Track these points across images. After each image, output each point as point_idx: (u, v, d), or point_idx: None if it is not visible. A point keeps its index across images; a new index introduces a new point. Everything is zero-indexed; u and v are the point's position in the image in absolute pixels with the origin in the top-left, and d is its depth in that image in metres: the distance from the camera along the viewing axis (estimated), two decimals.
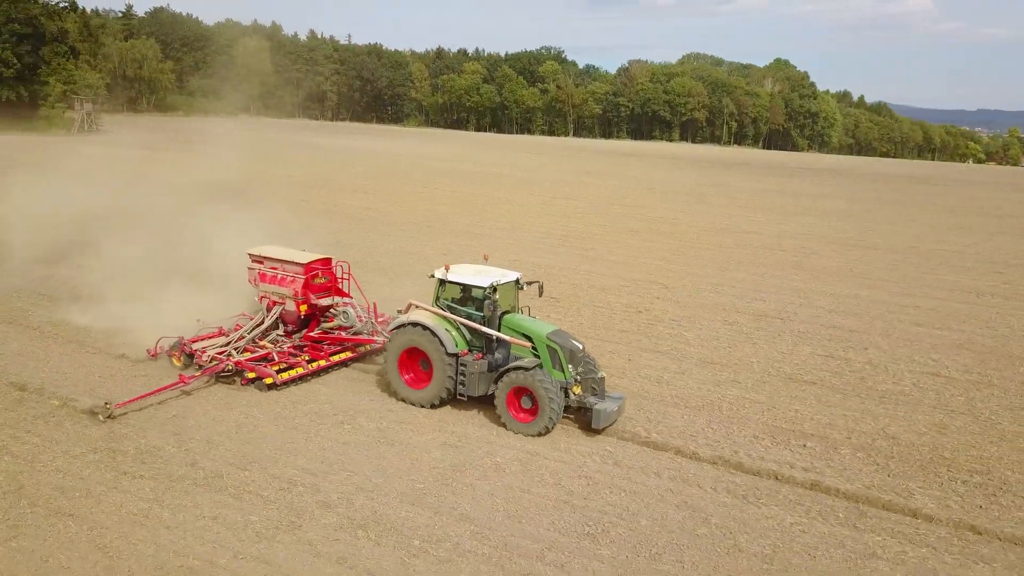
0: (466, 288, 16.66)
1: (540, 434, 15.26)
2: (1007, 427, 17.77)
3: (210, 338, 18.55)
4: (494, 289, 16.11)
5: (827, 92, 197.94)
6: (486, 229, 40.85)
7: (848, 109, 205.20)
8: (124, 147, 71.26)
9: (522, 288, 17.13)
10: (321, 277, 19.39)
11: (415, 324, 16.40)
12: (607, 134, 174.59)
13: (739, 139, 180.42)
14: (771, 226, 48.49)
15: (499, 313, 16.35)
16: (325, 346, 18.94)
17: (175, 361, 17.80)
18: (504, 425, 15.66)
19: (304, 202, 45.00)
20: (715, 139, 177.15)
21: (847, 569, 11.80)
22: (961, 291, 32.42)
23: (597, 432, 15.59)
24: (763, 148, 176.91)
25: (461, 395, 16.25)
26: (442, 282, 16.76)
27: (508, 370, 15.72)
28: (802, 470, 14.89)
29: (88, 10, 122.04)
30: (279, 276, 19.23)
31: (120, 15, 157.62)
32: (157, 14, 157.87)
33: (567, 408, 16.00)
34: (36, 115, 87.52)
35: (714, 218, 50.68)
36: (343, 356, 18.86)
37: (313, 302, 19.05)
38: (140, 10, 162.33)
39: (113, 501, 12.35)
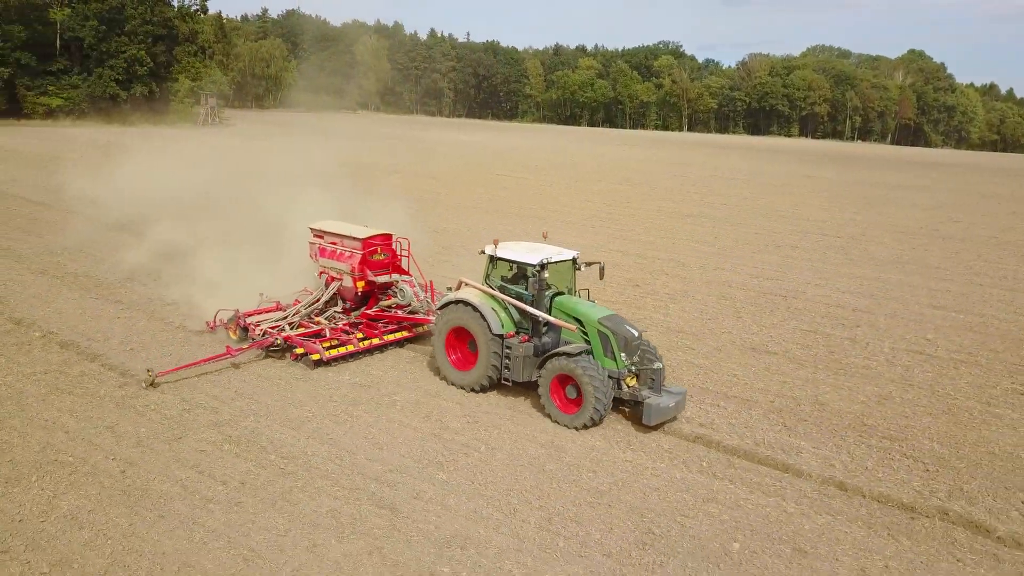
0: (517, 266, 15.61)
1: (585, 427, 14.12)
2: (960, 402, 17.02)
3: (266, 312, 18.45)
4: (543, 267, 14.90)
5: (970, 85, 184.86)
6: (538, 212, 41.52)
7: (994, 103, 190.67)
8: (238, 137, 76.38)
9: (579, 268, 16.08)
10: (380, 253, 18.65)
11: (461, 302, 15.58)
12: (723, 129, 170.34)
13: (863, 134, 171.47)
14: (841, 214, 46.70)
15: (550, 294, 15.32)
16: (380, 324, 18.39)
17: (231, 334, 17.65)
18: (549, 416, 14.64)
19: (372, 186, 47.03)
20: (837, 135, 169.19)
21: (676, 507, 11.97)
22: (1011, 279, 30.44)
23: (650, 428, 14.30)
24: (891, 144, 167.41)
25: (506, 380, 15.30)
26: (492, 259, 15.83)
27: (552, 355, 14.55)
28: (698, 425, 14.95)
29: (223, 14, 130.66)
30: (338, 251, 18.70)
31: (257, 17, 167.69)
32: (289, 16, 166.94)
33: (619, 401, 14.78)
34: (167, 109, 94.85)
35: (782, 206, 49.25)
36: (398, 335, 18.28)
37: (370, 278, 18.39)
38: (275, 12, 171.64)
39: (34, 409, 14.08)
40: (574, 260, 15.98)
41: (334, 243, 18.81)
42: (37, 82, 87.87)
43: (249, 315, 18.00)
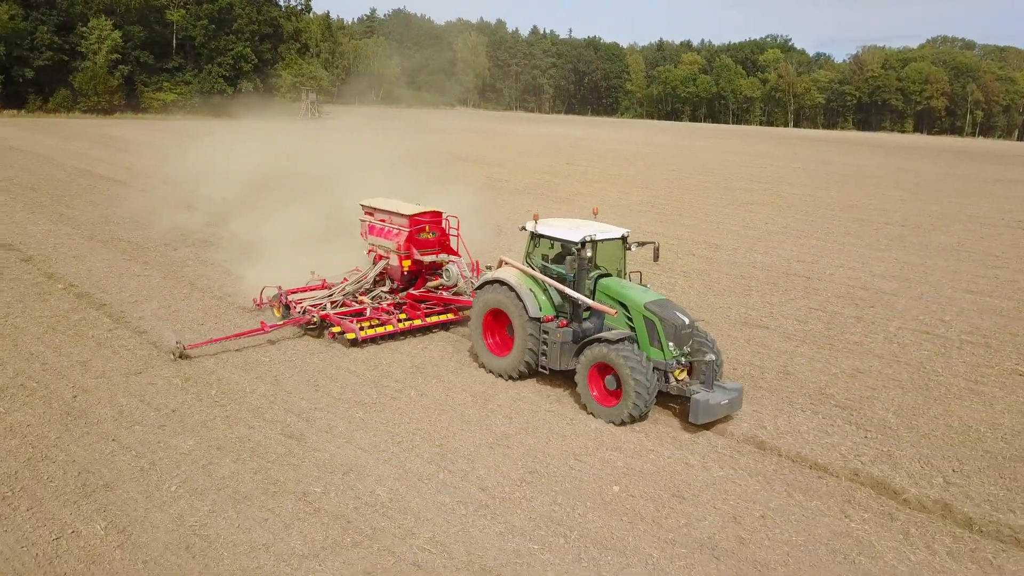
0: (558, 244, 14.53)
1: (624, 422, 12.84)
2: (944, 379, 16.27)
3: (310, 290, 18.14)
4: (584, 244, 13.73)
5: None
6: (595, 198, 41.45)
7: None
8: (330, 129, 79.43)
9: (630, 248, 14.64)
10: (428, 232, 17.73)
11: (498, 282, 14.65)
12: (831, 125, 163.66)
13: (985, 130, 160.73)
14: (916, 205, 44.43)
15: (594, 275, 14.13)
16: (423, 305, 17.70)
17: (275, 312, 17.39)
18: (585, 407, 13.47)
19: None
20: (956, 131, 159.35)
21: (573, 452, 12.11)
22: None
23: (696, 426, 12.83)
24: (1017, 140, 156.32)
25: (543, 367, 14.24)
26: (533, 236, 14.80)
27: (590, 342, 13.36)
28: None
29: (334, 15, 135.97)
30: (386, 228, 17.94)
31: (366, 17, 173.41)
32: (395, 16, 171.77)
33: (667, 395, 13.52)
34: (271, 104, 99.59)
35: (855, 197, 47.24)
36: (442, 318, 17.53)
37: (416, 257, 17.56)
38: (382, 12, 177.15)
39: (26, 344, 15.53)
40: (624, 239, 14.55)
41: (383, 220, 18.06)
42: (154, 79, 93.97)
43: (292, 292, 17.67)
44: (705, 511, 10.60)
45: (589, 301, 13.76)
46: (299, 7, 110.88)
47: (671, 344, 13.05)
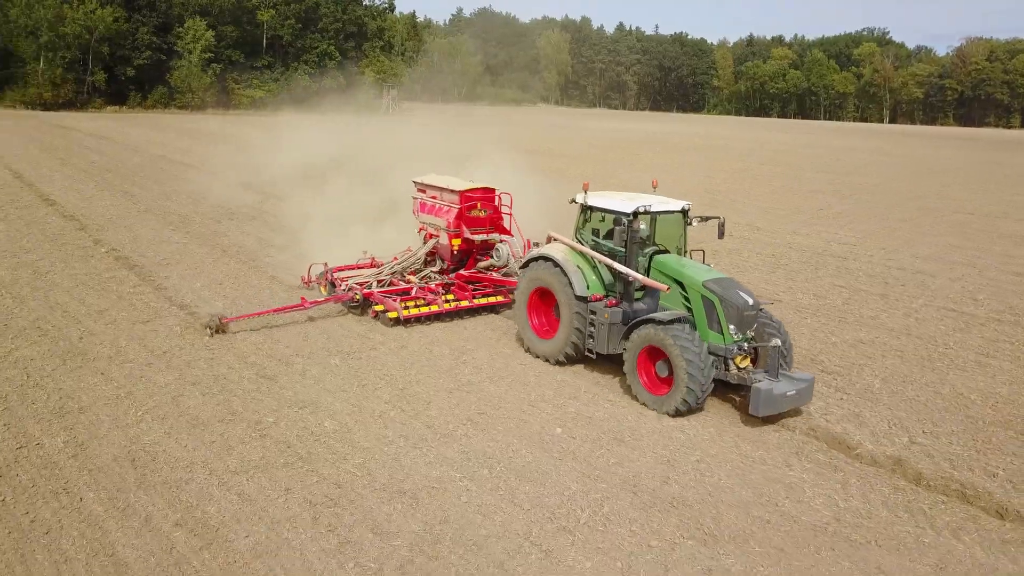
0: (610, 217, 13.33)
1: (678, 413, 11.64)
2: (951, 352, 15.72)
3: (358, 268, 17.64)
4: (636, 216, 12.64)
5: None
6: (646, 186, 41.16)
7: None
8: (407, 124, 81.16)
9: (690, 223, 13.39)
10: (480, 209, 16.96)
11: (545, 259, 13.76)
12: (930, 120, 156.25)
13: None
14: (992, 196, 42.26)
15: (649, 251, 12.98)
16: (472, 287, 16.98)
17: (322, 289, 17.03)
18: (635, 397, 12.30)
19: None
20: None
21: (530, 400, 12.32)
22: None
23: (758, 419, 11.48)
24: None
25: (590, 351, 13.20)
26: (584, 209, 13.87)
27: (639, 323, 12.22)
28: None
29: (421, 15, 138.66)
30: (436, 206, 17.31)
31: (452, 16, 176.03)
32: (480, 14, 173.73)
33: (726, 384, 12.21)
34: (354, 100, 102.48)
35: (927, 187, 45.30)
36: (490, 300, 16.76)
37: (467, 236, 16.80)
38: (468, 11, 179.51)
39: (55, 296, 16.79)
40: (684, 212, 13.32)
41: (434, 197, 17.47)
42: (244, 76, 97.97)
43: (339, 270, 17.24)
44: (641, 454, 10.64)
45: (639, 276, 12.47)
46: (383, 6, 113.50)
47: (732, 327, 11.78)
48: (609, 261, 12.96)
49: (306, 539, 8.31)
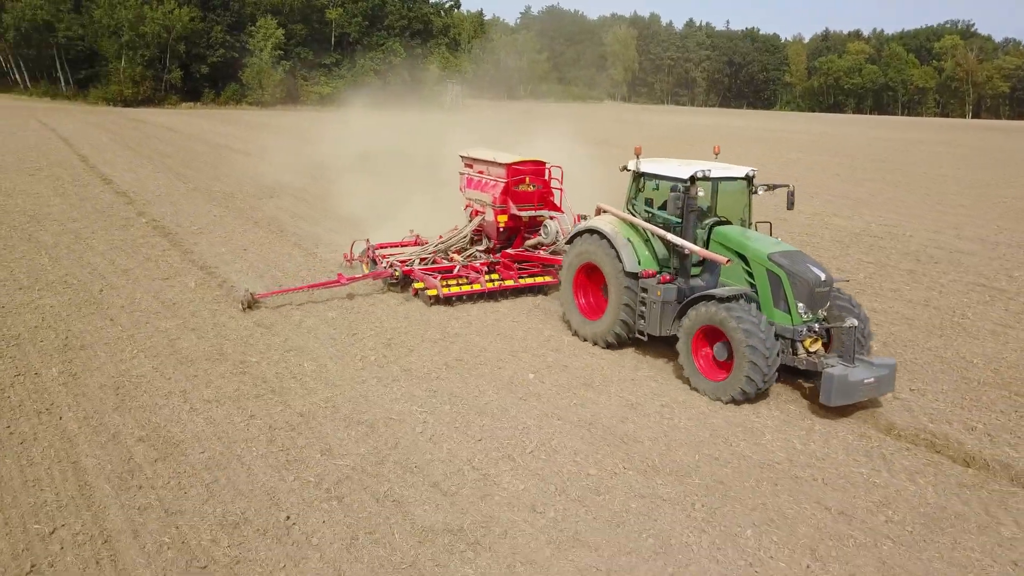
0: (667, 183, 11.98)
1: (736, 400, 10.44)
2: (968, 322, 15.27)
3: (402, 246, 17.25)
4: (693, 181, 11.31)
5: None
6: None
7: None
8: (471, 118, 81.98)
9: (756, 192, 12.13)
10: (528, 184, 16.00)
11: (592, 232, 12.71)
12: (1018, 115, 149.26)
13: None
14: None
15: (709, 223, 11.78)
16: (519, 266, 16.00)
17: (364, 267, 16.49)
18: (688, 382, 11.10)
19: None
20: None
21: (509, 349, 12.49)
22: None
23: (829, 408, 10.17)
24: None
25: (640, 333, 12.06)
26: (636, 177, 12.70)
27: (696, 300, 11.03)
28: None
29: (483, 11, 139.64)
30: (482, 181, 16.44)
31: (520, 15, 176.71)
32: (548, 12, 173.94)
33: (792, 369, 11.01)
34: (418, 95, 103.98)
35: (988, 176, 43.53)
36: (537, 280, 15.84)
37: (513, 212, 15.87)
38: (536, 9, 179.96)
39: (88, 257, 17.72)
40: (749, 180, 12.05)
41: (481, 172, 16.61)
42: (312, 74, 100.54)
43: (382, 247, 16.86)
44: (608, 398, 10.70)
45: (695, 248, 11.28)
46: (449, 3, 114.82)
47: (801, 306, 10.58)
48: (663, 232, 11.68)
49: (256, 456, 8.69)
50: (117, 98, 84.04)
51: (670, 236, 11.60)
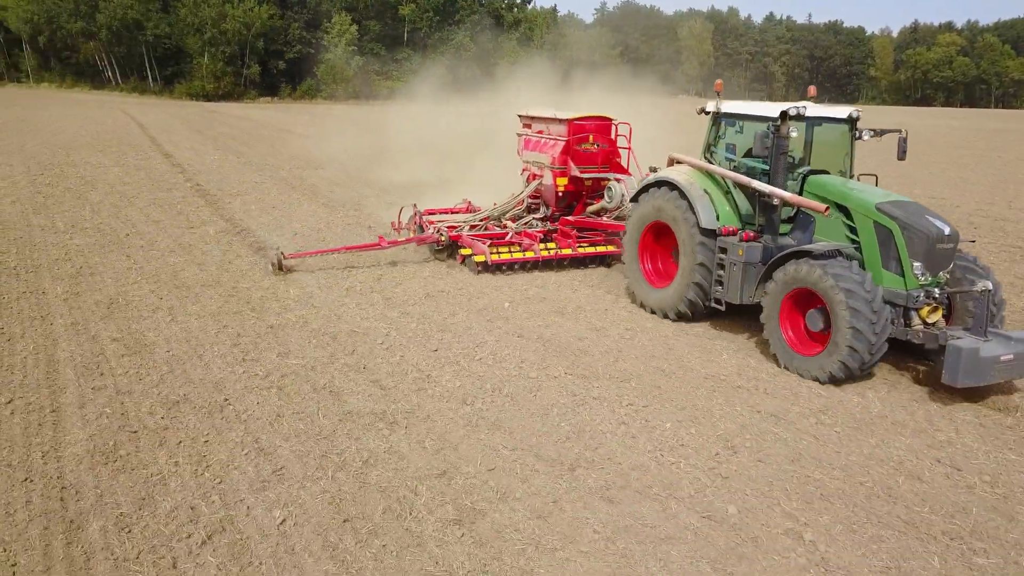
0: (755, 126, 10.25)
1: (833, 380, 8.69)
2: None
3: (451, 212, 15.98)
4: (785, 117, 9.50)
5: None
6: None
7: None
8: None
9: (860, 137, 10.31)
10: (592, 143, 14.40)
11: (663, 184, 11.15)
12: None
13: None
14: None
15: (802, 171, 10.07)
16: (579, 234, 14.49)
17: (411, 233, 15.31)
18: (775, 357, 9.44)
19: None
20: None
21: (498, 288, 12.67)
22: None
23: (953, 388, 8.36)
24: None
25: (717, 301, 10.45)
26: (716, 120, 11.09)
27: (785, 259, 9.41)
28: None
29: (557, 8, 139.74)
30: (541, 141, 14.86)
31: (596, 11, 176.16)
32: (624, 7, 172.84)
33: (903, 343, 9.16)
34: (488, 89, 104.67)
35: None
36: (599, 249, 14.31)
37: (574, 174, 14.28)
38: (612, 5, 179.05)
39: (127, 211, 18.73)
40: (851, 122, 10.32)
41: (540, 132, 15.09)
42: (385, 68, 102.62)
43: (430, 213, 15.65)
44: (575, 323, 10.79)
45: (786, 194, 9.59)
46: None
47: (917, 266, 8.80)
48: (747, 179, 10.05)
49: (216, 355, 9.14)
50: (200, 93, 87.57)
51: (755, 183, 9.85)
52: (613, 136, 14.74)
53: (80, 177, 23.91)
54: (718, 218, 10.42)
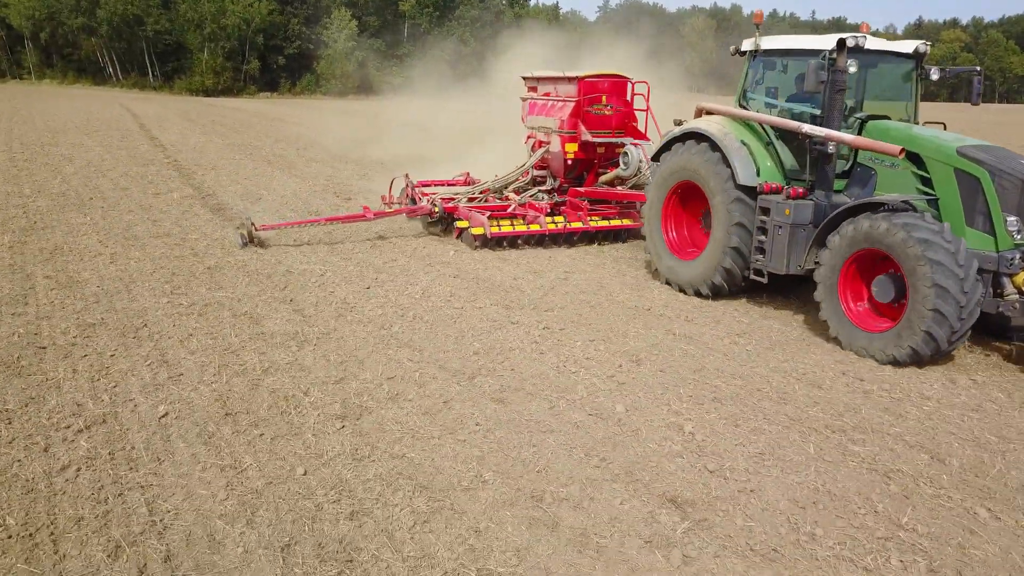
0: (802, 63, 8.64)
1: (916, 357, 7.15)
2: None
3: (447, 184, 14.60)
4: (842, 47, 7.98)
5: None
6: None
7: None
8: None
9: (928, 76, 8.85)
10: (605, 105, 12.85)
11: (692, 137, 9.60)
12: None
13: None
14: None
15: (861, 115, 8.60)
16: (589, 205, 12.88)
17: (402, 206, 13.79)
18: (836, 338, 7.80)
19: None
20: None
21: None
22: None
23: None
24: None
25: (758, 273, 8.86)
26: (753, 59, 9.51)
27: (844, 215, 7.85)
28: None
29: (559, 5, 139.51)
30: (548, 104, 13.39)
31: (599, 8, 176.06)
32: (627, 5, 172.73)
33: (992, 320, 7.69)
34: (488, 85, 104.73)
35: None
36: (612, 223, 12.70)
37: (585, 139, 12.76)
38: (615, 2, 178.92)
39: (102, 189, 18.79)
40: (918, 57, 8.81)
41: (547, 94, 13.59)
42: (384, 64, 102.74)
43: (424, 185, 14.07)
44: (514, 267, 10.75)
45: (847, 136, 8.15)
46: None
47: (1012, 220, 7.33)
48: (794, 124, 8.53)
49: (146, 289, 9.19)
50: (199, 88, 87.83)
51: (807, 127, 8.30)
52: (628, 97, 13.07)
53: (60, 155, 23.99)
54: (759, 173, 8.86)
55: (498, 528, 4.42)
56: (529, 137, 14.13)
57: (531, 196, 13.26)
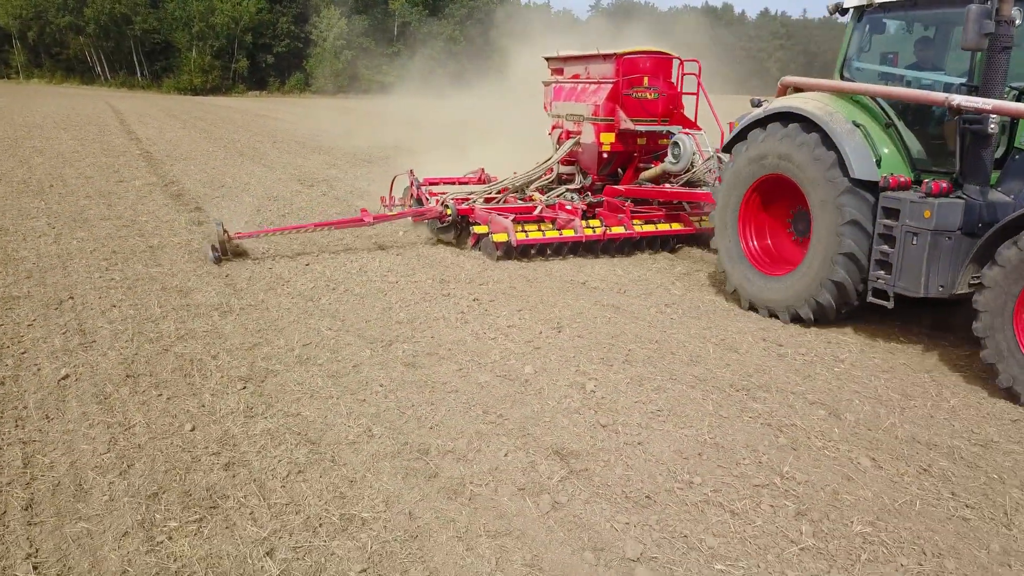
0: (939, 17, 7.18)
1: None
2: None
3: (459, 183, 12.59)
4: None
5: None
6: None
7: None
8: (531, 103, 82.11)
9: None
10: (647, 87, 10.99)
11: (783, 118, 7.55)
12: None
13: None
14: None
15: (1016, 84, 6.44)
16: (631, 207, 10.86)
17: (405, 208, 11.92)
18: (1004, 385, 5.74)
19: None
20: None
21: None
22: None
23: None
24: None
25: (878, 295, 6.86)
26: (860, 18, 7.53)
27: (1016, 224, 5.73)
28: None
29: (550, 4, 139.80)
30: (579, 88, 11.58)
31: (591, 7, 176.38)
32: (619, 5, 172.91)
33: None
34: (480, 83, 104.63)
35: None
36: (661, 227, 10.61)
37: (624, 127, 10.95)
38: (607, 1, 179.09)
39: (69, 177, 18.71)
40: None
41: (576, 76, 11.88)
42: (375, 63, 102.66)
43: (431, 183, 12.14)
44: (472, 262, 10.70)
45: (1012, 105, 6.08)
46: None
47: None
48: (941, 96, 6.35)
49: (81, 266, 9.15)
50: (188, 87, 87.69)
51: (957, 97, 6.15)
52: (674, 79, 11.24)
53: (32, 147, 23.90)
54: (879, 163, 6.87)
55: (374, 478, 4.39)
56: (555, 127, 12.22)
57: (559, 196, 11.39)
